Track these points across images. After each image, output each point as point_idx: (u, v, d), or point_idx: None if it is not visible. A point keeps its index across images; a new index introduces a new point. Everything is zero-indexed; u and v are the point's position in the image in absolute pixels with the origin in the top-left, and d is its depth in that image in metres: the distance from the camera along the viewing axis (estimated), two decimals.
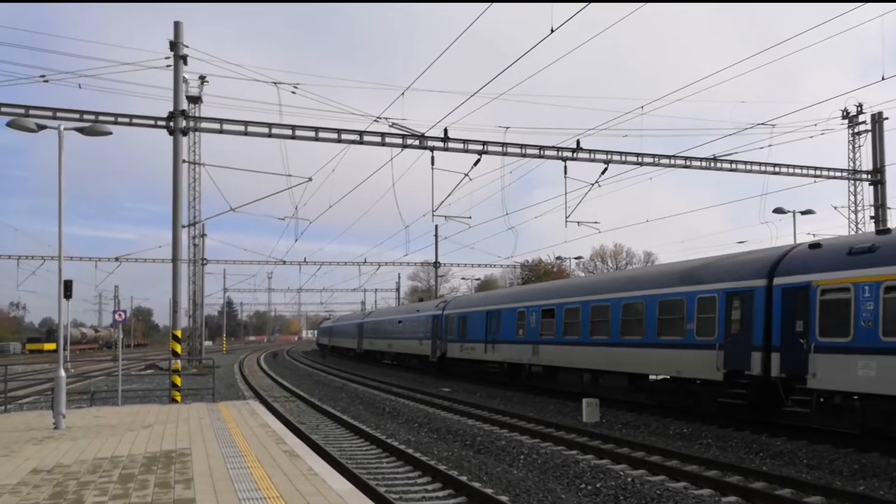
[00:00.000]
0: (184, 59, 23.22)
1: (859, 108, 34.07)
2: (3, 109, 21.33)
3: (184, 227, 23.12)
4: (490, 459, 13.33)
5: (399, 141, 24.72)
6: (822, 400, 13.83)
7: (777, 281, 15.29)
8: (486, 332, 29.29)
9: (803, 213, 34.87)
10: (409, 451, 13.83)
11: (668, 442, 15.08)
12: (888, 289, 12.69)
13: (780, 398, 14.89)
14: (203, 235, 49.36)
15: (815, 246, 15.32)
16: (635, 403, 20.18)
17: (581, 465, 12.23)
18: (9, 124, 14.45)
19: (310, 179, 25.97)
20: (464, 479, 11.13)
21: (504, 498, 9.96)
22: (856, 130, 34.24)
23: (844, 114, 34.19)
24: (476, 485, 10.72)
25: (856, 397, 13.36)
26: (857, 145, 34.10)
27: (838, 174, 33.19)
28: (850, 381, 13.19)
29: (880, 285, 12.82)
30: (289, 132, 24.14)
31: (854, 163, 34.03)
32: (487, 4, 15.78)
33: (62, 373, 14.56)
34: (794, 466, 12.42)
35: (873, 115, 33.29)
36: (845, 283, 13.53)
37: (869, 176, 33.30)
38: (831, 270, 13.96)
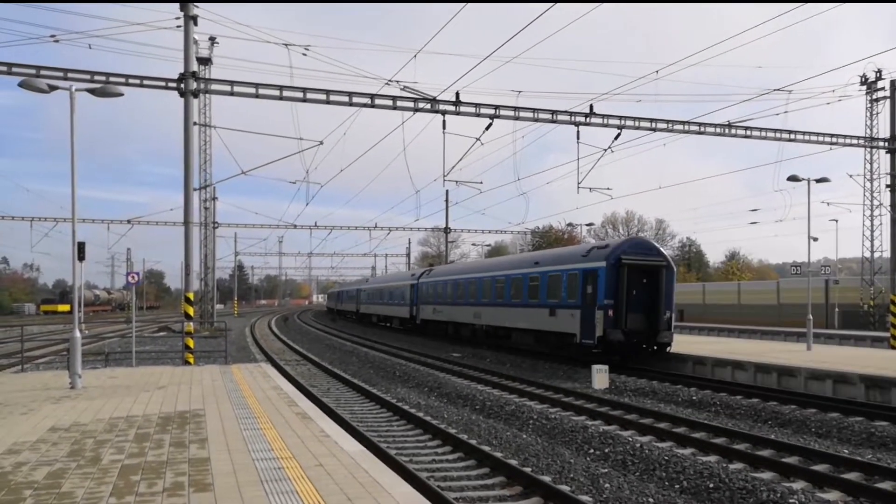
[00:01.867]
0: (194, 19, 22.95)
1: (878, 74, 33.46)
2: (15, 70, 21.23)
3: (195, 189, 23.10)
4: (499, 424, 13.47)
5: (411, 104, 24.50)
6: None
7: None
8: None
9: (818, 180, 34.36)
10: (420, 414, 13.99)
11: (677, 409, 15.16)
12: None
13: None
14: (214, 199, 49.49)
15: None
16: (645, 370, 20.20)
17: (590, 431, 12.32)
18: (21, 84, 14.37)
19: (321, 143, 25.83)
20: (473, 442, 11.26)
21: (513, 462, 10.07)
22: (874, 97, 33.64)
23: (863, 80, 33.58)
24: (486, 448, 10.85)
25: None
26: (874, 112, 33.55)
27: (855, 142, 32.69)
28: None
29: None
30: (300, 95, 23.95)
31: (871, 130, 33.51)
32: None
33: (77, 334, 14.73)
34: (802, 435, 12.48)
35: (892, 81, 32.60)
36: None
37: (886, 144, 32.81)
38: None
